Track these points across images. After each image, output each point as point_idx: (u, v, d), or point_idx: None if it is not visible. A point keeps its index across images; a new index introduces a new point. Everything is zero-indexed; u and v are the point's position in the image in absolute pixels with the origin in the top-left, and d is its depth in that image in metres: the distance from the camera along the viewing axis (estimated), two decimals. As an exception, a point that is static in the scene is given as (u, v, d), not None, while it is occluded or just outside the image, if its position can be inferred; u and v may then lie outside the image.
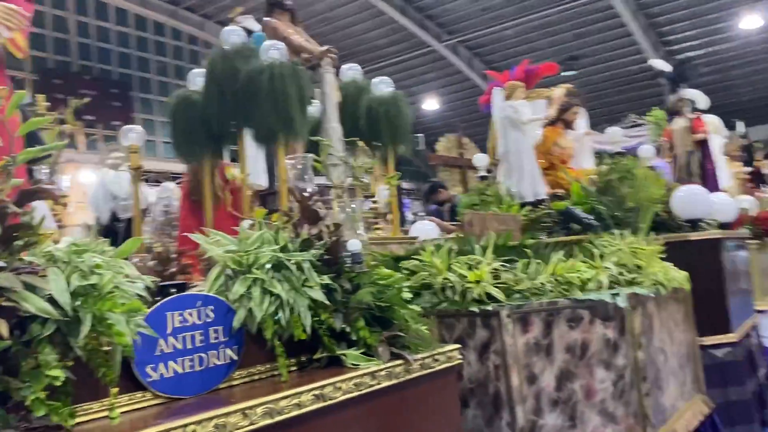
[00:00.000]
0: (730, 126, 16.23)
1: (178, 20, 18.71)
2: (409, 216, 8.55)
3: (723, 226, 5.05)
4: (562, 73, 21.69)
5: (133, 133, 3.81)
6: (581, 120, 5.55)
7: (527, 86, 7.32)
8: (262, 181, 4.45)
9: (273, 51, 3.50)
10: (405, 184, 23.83)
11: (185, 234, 5.12)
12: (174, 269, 1.98)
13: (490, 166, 5.35)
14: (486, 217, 3.13)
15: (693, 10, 17.91)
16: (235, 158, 4.24)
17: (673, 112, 6.89)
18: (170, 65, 18.67)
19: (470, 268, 2.59)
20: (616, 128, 5.16)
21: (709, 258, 3.97)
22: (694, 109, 6.93)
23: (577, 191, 4.29)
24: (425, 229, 4.44)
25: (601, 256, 2.72)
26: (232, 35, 3.67)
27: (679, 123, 6.73)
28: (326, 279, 1.87)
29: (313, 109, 4.30)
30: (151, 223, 6.61)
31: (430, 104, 23.64)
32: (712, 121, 9.48)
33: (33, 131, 2.96)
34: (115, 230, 6.49)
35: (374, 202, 6.19)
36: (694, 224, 4.08)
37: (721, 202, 5.00)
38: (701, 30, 18.67)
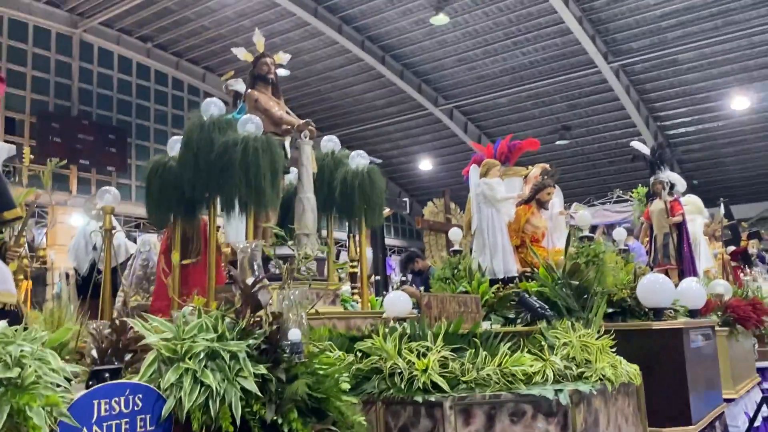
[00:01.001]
0: (719, 204, 16.48)
1: (180, 71, 19.13)
2: (395, 278, 8.59)
3: (692, 312, 5.10)
4: (556, 142, 22.21)
5: (108, 195, 3.87)
6: (556, 199, 5.65)
7: (510, 160, 7.50)
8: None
9: (249, 125, 3.61)
10: (397, 242, 23.97)
11: (159, 290, 5.15)
12: (116, 350, 2.00)
13: (464, 240, 5.43)
14: (445, 299, 3.18)
15: (684, 89, 18.41)
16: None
17: (651, 194, 7.03)
18: (169, 114, 19.01)
19: (420, 354, 2.62)
20: (586, 212, 5.26)
21: (671, 347, 3.99)
22: (672, 192, 7.06)
23: (544, 273, 4.35)
24: (396, 302, 4.45)
25: (551, 348, 2.75)
26: (211, 106, 3.79)
27: (657, 205, 6.86)
28: (261, 369, 1.90)
29: (291, 176, 4.41)
30: (129, 277, 6.63)
31: (426, 164, 23.98)
32: (694, 202, 9.64)
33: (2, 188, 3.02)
34: (95, 282, 6.50)
35: (353, 266, 6.25)
36: (658, 312, 4.13)
37: (690, 289, 5.05)
38: (692, 108, 19.16)
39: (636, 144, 7.33)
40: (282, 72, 16.52)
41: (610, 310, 4.41)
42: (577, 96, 19.38)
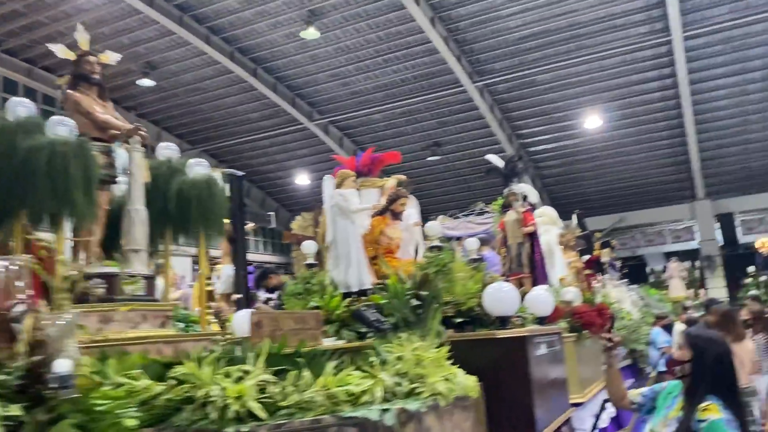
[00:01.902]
0: (578, 216, 17.49)
1: (33, 78, 17.65)
2: (263, 295, 8.24)
3: (540, 320, 5.22)
4: (428, 158, 22.76)
5: None
6: (412, 210, 5.63)
7: (372, 172, 7.45)
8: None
9: (60, 127, 3.23)
10: (268, 258, 23.39)
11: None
12: None
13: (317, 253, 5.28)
14: (278, 317, 2.96)
15: (543, 108, 19.49)
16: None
17: (506, 205, 7.24)
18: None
19: (237, 379, 2.38)
20: (435, 223, 5.27)
21: (516, 356, 4.02)
22: (525, 203, 7.31)
23: (393, 284, 4.26)
24: (246, 321, 4.16)
25: (384, 364, 2.61)
26: (18, 106, 3.36)
27: (511, 216, 7.06)
28: (14, 410, 1.59)
29: (119, 188, 4.02)
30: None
31: (303, 179, 23.68)
32: (549, 213, 10.09)
33: None
34: None
35: (209, 284, 5.88)
36: (504, 321, 4.16)
37: (538, 297, 5.18)
38: (550, 126, 20.31)
39: (490, 157, 7.52)
40: (146, 82, 15.66)
41: (459, 320, 4.40)
42: (447, 114, 19.97)
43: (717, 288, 21.20)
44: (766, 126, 19.26)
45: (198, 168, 4.14)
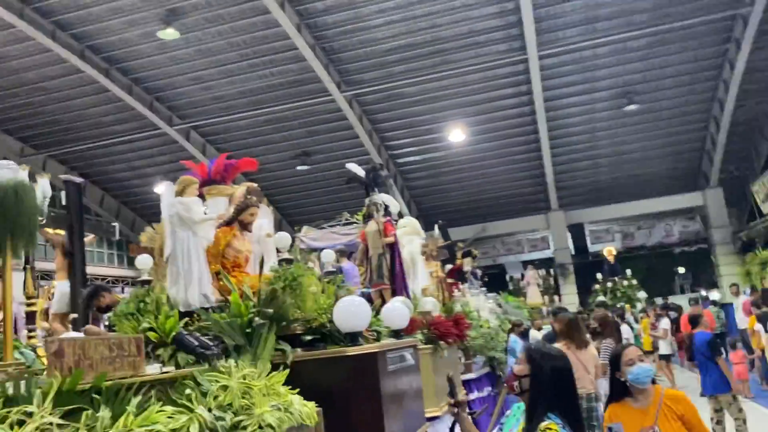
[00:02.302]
0: (441, 227, 17.85)
1: None
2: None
3: (396, 333, 5.09)
4: (297, 168, 22.39)
5: None
6: (264, 220, 5.32)
7: (226, 180, 7.04)
8: None
9: None
10: (114, 272, 21.87)
11: None
12: None
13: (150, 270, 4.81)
14: (86, 344, 2.54)
15: (410, 120, 19.81)
16: None
17: (367, 216, 7.10)
18: None
19: (16, 424, 1.96)
20: (284, 233, 5.00)
21: (366, 373, 3.84)
22: (387, 213, 7.23)
23: (236, 301, 3.93)
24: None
25: (204, 396, 2.30)
26: None
27: (372, 226, 6.94)
28: None
29: None
30: None
31: (161, 188, 22.41)
32: (412, 224, 10.12)
33: None
34: None
35: (31, 304, 5.21)
36: (354, 337, 3.96)
37: (393, 309, 5.06)
38: (417, 138, 20.70)
39: (350, 166, 7.36)
40: None
41: (309, 338, 4.15)
42: (316, 123, 19.73)
43: (570, 294, 22.58)
44: (613, 142, 20.85)
45: (3, 171, 3.59)
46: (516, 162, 21.73)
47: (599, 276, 21.23)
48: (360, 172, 7.15)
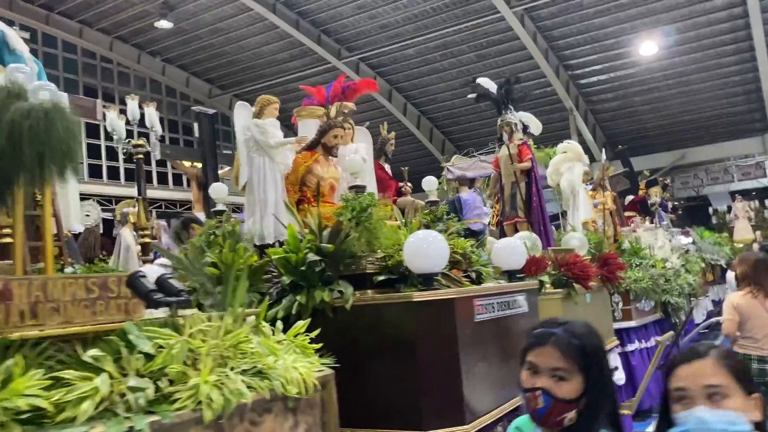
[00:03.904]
0: (620, 152, 15.93)
1: (52, 26, 17.29)
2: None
3: (510, 274, 4.25)
4: (468, 96, 21.31)
5: None
6: (361, 144, 4.68)
7: (345, 104, 6.48)
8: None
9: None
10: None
11: None
12: None
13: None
14: (49, 283, 2.13)
15: (591, 35, 17.68)
16: None
17: (500, 138, 6.14)
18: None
19: None
20: (356, 156, 4.30)
21: (440, 325, 3.12)
22: (526, 134, 6.20)
23: (293, 234, 3.38)
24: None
25: (143, 356, 1.77)
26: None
27: (504, 150, 5.97)
28: None
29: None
30: None
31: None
32: (574, 148, 8.87)
33: None
34: None
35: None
36: (428, 280, 3.23)
37: (505, 247, 4.19)
38: (602, 55, 18.47)
39: (481, 80, 6.39)
40: (165, 24, 14.81)
41: (382, 278, 3.49)
42: (485, 45, 18.45)
43: (790, 229, 19.21)
44: None
45: (43, 93, 3.32)
46: (724, 76, 18.52)
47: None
48: (492, 87, 6.17)
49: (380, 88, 20.72)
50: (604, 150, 9.87)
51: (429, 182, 4.39)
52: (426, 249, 3.20)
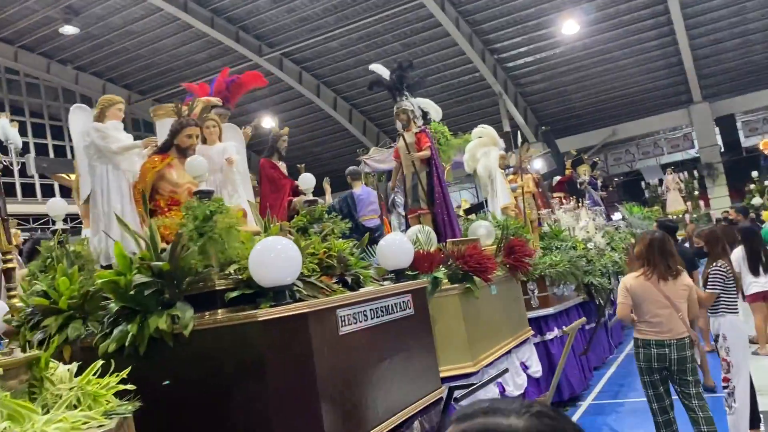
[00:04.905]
0: (544, 133, 15.85)
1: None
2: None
3: (398, 274, 3.89)
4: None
5: None
6: (229, 143, 4.24)
7: (231, 100, 6.01)
8: None
9: None
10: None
11: None
12: None
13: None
14: None
15: (514, 17, 17.57)
16: None
17: (403, 127, 5.76)
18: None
19: None
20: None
21: (292, 345, 2.71)
22: (426, 121, 5.86)
23: (120, 254, 2.93)
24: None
25: None
26: None
27: (404, 139, 5.61)
28: None
29: None
30: None
31: (267, 122, 22.09)
32: (489, 132, 8.60)
33: None
34: None
35: None
36: (278, 293, 2.83)
37: (389, 245, 3.83)
38: (525, 37, 18.40)
39: (374, 67, 6.01)
40: (69, 29, 13.77)
41: (235, 294, 3.07)
42: (409, 33, 18.15)
43: (719, 197, 19.62)
44: (767, 12, 17.19)
45: None
46: (645, 51, 18.70)
47: (755, 174, 18.04)
48: (385, 73, 5.80)
49: (307, 83, 20.23)
50: (519, 133, 9.63)
51: (306, 179, 3.99)
52: (273, 259, 2.80)
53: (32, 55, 17.70)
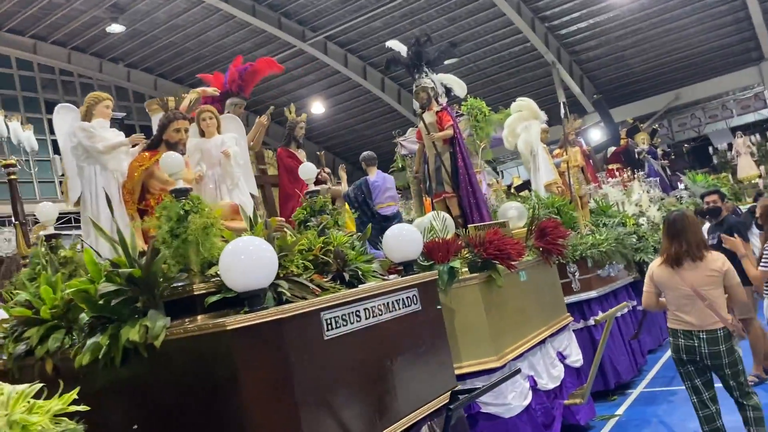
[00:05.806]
0: (595, 102, 14.97)
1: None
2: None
3: (406, 266, 3.61)
4: (445, 62, 20.46)
5: None
6: (227, 135, 4.03)
7: (245, 90, 5.82)
8: None
9: None
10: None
11: None
12: None
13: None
14: None
15: (563, -18, 16.74)
16: None
17: (423, 106, 5.42)
18: None
19: None
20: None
21: (266, 355, 2.47)
22: (452, 99, 5.50)
23: (90, 261, 2.77)
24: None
25: None
26: None
27: (426, 118, 5.27)
28: None
29: None
30: None
31: (318, 108, 22.01)
32: (528, 105, 8.14)
33: None
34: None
35: None
36: (253, 298, 2.60)
37: (395, 236, 3.53)
38: (577, 2, 17.49)
39: (392, 43, 5.67)
40: (116, 28, 13.96)
41: (215, 299, 2.86)
42: (453, 7, 17.58)
43: (797, 160, 18.21)
44: None
45: None
46: (709, 6, 17.44)
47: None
48: (403, 49, 5.47)
49: (353, 65, 19.98)
50: (563, 105, 9.08)
51: (306, 170, 3.75)
52: (243, 262, 2.57)
53: (84, 56, 18.16)
